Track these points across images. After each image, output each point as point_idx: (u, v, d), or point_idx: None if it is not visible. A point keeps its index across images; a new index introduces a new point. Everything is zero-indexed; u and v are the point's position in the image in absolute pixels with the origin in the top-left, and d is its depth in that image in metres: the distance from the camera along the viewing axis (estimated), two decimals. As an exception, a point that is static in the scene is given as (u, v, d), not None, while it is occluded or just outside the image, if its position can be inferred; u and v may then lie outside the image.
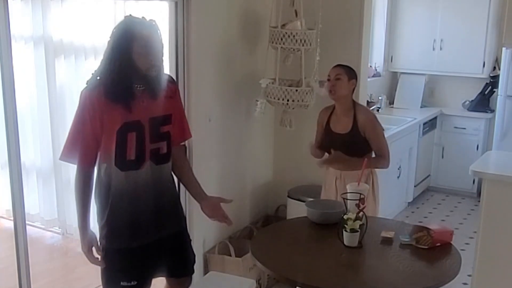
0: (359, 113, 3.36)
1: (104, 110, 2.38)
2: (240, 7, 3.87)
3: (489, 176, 3.51)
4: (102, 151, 2.44)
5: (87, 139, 2.41)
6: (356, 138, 3.34)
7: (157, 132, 2.50)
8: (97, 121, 2.38)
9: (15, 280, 2.87)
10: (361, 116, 3.35)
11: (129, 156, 2.43)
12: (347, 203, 2.80)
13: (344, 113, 3.39)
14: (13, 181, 2.73)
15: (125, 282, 2.54)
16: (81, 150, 2.42)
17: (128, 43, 2.36)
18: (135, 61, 2.37)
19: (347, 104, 3.38)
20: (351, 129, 3.34)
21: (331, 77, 3.34)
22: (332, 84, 3.33)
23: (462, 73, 6.18)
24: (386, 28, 6.33)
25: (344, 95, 3.34)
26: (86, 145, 2.42)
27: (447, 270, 2.51)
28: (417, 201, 6.08)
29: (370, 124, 3.35)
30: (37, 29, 4.55)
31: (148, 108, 2.46)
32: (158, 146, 2.51)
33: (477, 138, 6.12)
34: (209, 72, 3.64)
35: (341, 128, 3.38)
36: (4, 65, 2.59)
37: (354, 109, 3.38)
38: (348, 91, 3.36)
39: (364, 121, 3.34)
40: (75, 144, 2.43)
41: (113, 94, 2.39)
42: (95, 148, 2.43)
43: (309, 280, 2.39)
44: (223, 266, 3.73)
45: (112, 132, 2.39)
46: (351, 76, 3.36)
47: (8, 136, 2.68)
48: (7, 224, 4.70)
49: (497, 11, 5.88)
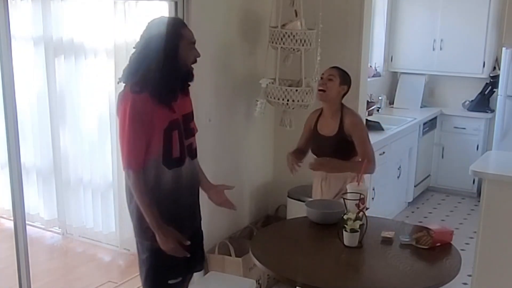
0: (345, 116, 3.32)
1: (154, 111, 2.42)
2: (240, 7, 3.87)
3: (489, 176, 3.51)
4: (151, 152, 2.46)
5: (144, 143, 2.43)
6: (341, 141, 3.30)
7: (189, 128, 2.61)
8: (150, 123, 2.41)
9: (15, 280, 2.87)
10: (347, 119, 3.31)
11: (174, 153, 2.51)
12: (347, 203, 2.80)
13: (331, 115, 3.35)
14: (13, 181, 2.73)
15: (172, 279, 2.61)
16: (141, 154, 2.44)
17: (176, 42, 2.44)
18: (181, 59, 2.45)
19: (334, 107, 3.34)
20: (337, 132, 3.31)
21: (324, 76, 3.32)
22: (323, 83, 3.30)
23: (462, 73, 6.18)
24: (386, 28, 6.33)
25: (332, 97, 3.30)
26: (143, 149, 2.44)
27: (447, 270, 2.50)
28: (417, 201, 6.08)
29: (356, 127, 3.31)
30: (37, 29, 4.55)
31: (182, 105, 2.56)
32: (191, 142, 2.63)
33: (477, 138, 6.13)
34: (209, 72, 3.64)
35: (328, 131, 3.35)
36: (4, 65, 2.59)
37: (341, 112, 3.34)
38: (337, 94, 3.32)
39: (349, 124, 3.30)
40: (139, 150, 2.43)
41: (162, 94, 2.44)
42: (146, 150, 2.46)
43: (309, 280, 2.39)
44: (223, 266, 3.73)
45: (160, 132, 2.44)
46: (344, 81, 3.33)
47: (8, 136, 2.68)
48: (7, 224, 4.70)
49: (497, 11, 5.88)
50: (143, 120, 2.39)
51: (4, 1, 2.53)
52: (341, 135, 3.30)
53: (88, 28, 4.38)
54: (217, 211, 3.53)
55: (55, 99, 4.64)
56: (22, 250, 2.81)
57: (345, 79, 3.34)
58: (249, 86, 4.03)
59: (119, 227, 4.54)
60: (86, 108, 4.55)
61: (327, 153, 3.35)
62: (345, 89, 3.34)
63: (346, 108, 3.39)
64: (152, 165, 2.46)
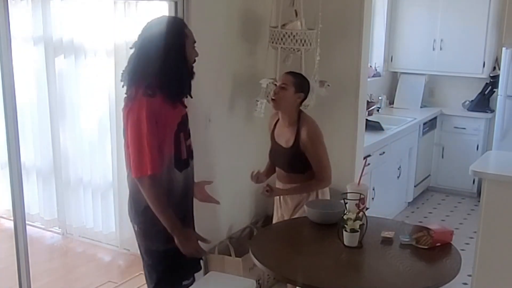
0: (302, 129, 3.14)
1: (167, 113, 2.41)
2: (240, 7, 3.87)
3: (489, 176, 3.51)
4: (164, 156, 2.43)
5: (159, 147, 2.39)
6: (297, 154, 3.15)
7: (187, 129, 2.61)
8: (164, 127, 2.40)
9: (15, 280, 2.87)
10: (303, 133, 3.13)
11: (183, 155, 2.52)
12: (347, 203, 2.80)
13: (287, 125, 3.19)
14: (13, 181, 2.73)
15: (186, 280, 2.64)
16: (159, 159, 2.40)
17: (182, 41, 2.44)
18: (187, 59, 2.46)
19: (291, 117, 3.17)
20: (292, 145, 3.15)
21: (277, 83, 3.19)
22: (275, 92, 3.15)
23: (462, 73, 6.18)
24: (386, 28, 6.33)
25: (286, 106, 3.14)
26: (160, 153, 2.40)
27: (447, 270, 2.50)
28: (417, 201, 6.08)
29: (311, 142, 3.13)
30: (37, 29, 4.55)
31: (182, 107, 2.57)
32: (190, 143, 2.64)
33: (477, 138, 6.13)
34: (209, 72, 3.63)
35: (284, 141, 3.21)
36: (4, 65, 2.59)
37: (298, 123, 3.16)
38: (292, 103, 3.14)
39: (305, 139, 3.13)
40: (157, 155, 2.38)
41: (174, 96, 2.45)
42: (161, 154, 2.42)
43: (309, 280, 2.39)
44: (223, 266, 3.73)
45: (172, 134, 2.44)
46: (300, 88, 3.15)
47: (8, 136, 2.68)
48: (7, 224, 4.70)
49: (497, 11, 5.88)
50: (158, 124, 2.36)
51: (4, 1, 2.53)
52: (296, 149, 3.15)
53: (88, 28, 4.38)
54: (217, 211, 3.54)
55: (55, 99, 4.64)
56: (22, 250, 2.81)
57: (301, 86, 3.16)
58: (249, 86, 4.03)
59: (119, 227, 4.54)
60: (86, 108, 4.55)
61: (281, 163, 3.26)
62: (301, 96, 3.17)
63: (304, 117, 3.20)
64: (166, 169, 2.45)
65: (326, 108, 3.98)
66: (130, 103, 2.42)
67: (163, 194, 2.44)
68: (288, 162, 3.23)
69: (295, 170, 3.23)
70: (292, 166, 3.23)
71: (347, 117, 4.03)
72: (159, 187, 2.41)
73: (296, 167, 3.22)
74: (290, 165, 3.23)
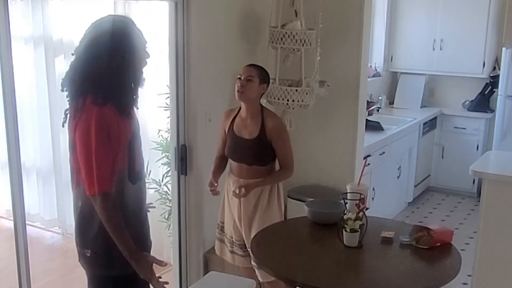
0: (267, 119, 3.21)
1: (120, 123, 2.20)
2: (240, 7, 3.87)
3: (489, 176, 3.51)
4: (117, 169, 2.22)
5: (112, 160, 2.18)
6: (262, 145, 3.19)
7: (139, 140, 2.40)
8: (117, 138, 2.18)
9: (15, 280, 2.87)
10: (270, 123, 3.19)
11: (137, 167, 2.33)
12: (347, 203, 2.80)
13: (251, 117, 3.22)
14: (13, 181, 2.73)
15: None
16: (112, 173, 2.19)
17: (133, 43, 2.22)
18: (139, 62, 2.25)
19: (254, 108, 3.22)
20: (258, 135, 3.18)
21: (242, 77, 3.18)
22: (242, 85, 3.17)
23: (462, 73, 6.18)
24: (386, 28, 6.33)
25: (252, 97, 3.19)
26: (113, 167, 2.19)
27: (447, 270, 2.51)
28: (417, 201, 6.08)
29: (279, 133, 3.20)
30: (37, 29, 4.56)
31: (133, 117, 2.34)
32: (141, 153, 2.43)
33: (477, 138, 6.13)
34: (209, 72, 3.63)
35: (247, 134, 3.22)
36: (4, 65, 2.58)
37: (262, 114, 3.23)
38: (257, 94, 3.22)
39: (272, 128, 3.19)
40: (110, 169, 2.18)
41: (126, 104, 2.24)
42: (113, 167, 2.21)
43: (309, 280, 2.39)
44: (223, 266, 3.72)
45: (126, 145, 2.24)
46: (263, 79, 3.22)
47: (8, 136, 2.68)
48: (7, 224, 4.70)
49: (497, 11, 5.88)
50: (110, 135, 2.14)
51: (4, 1, 2.53)
52: (262, 139, 3.18)
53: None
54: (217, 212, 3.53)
55: (55, 99, 4.64)
56: (22, 250, 2.80)
57: (263, 77, 3.23)
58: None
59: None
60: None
61: (244, 156, 3.23)
62: (264, 88, 3.25)
63: (267, 110, 3.29)
64: (119, 182, 2.22)
65: (326, 108, 3.98)
66: (78, 114, 2.19)
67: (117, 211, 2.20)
68: (253, 154, 3.21)
69: (260, 161, 3.22)
70: (257, 157, 3.22)
71: (347, 117, 4.03)
72: (113, 203, 2.18)
73: (261, 158, 3.22)
74: (255, 156, 3.21)
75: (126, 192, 2.29)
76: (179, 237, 3.60)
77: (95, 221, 2.25)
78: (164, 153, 4.21)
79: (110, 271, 2.35)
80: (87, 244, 2.34)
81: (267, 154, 3.22)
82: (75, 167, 2.28)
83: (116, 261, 2.30)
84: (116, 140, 2.18)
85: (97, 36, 2.19)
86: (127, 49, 2.19)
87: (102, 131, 2.13)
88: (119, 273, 2.34)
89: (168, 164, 4.07)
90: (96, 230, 2.28)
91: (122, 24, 2.24)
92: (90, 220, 2.28)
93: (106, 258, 2.32)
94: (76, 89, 2.23)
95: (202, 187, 3.51)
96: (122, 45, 2.18)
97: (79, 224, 2.36)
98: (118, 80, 2.19)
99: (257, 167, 3.23)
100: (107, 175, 2.16)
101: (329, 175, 4.07)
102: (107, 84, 2.17)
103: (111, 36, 2.18)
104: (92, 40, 2.19)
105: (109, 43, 2.17)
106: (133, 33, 2.23)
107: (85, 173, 2.18)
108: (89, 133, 2.13)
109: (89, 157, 2.14)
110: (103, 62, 2.17)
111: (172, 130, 3.58)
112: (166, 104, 3.95)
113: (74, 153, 2.25)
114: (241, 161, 3.27)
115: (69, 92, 2.28)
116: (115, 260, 2.30)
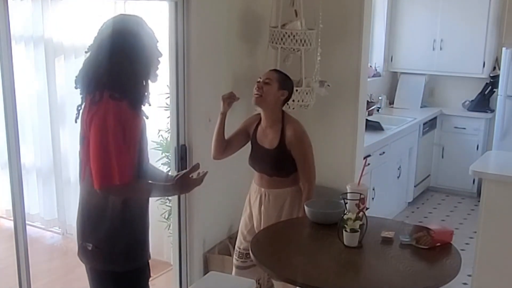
0: (287, 127, 3.08)
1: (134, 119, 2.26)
2: (240, 7, 3.87)
3: (489, 176, 3.52)
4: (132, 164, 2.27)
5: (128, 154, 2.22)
6: (282, 155, 3.07)
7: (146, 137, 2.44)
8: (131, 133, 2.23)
9: (15, 280, 2.87)
10: (289, 131, 3.07)
11: (144, 164, 2.38)
12: (347, 203, 2.80)
13: (271, 125, 3.12)
14: (13, 181, 2.73)
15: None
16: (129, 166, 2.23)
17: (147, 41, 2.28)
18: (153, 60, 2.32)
19: (274, 116, 3.11)
20: (277, 145, 3.08)
21: (261, 79, 3.11)
22: (259, 87, 3.08)
23: (462, 73, 6.18)
24: (386, 28, 6.34)
25: (269, 102, 3.08)
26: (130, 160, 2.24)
27: (447, 270, 2.50)
28: (417, 201, 6.08)
29: (298, 141, 3.08)
30: (37, 29, 4.56)
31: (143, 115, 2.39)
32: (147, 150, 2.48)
33: (477, 138, 6.13)
34: (209, 72, 3.63)
35: (267, 143, 3.12)
36: (4, 65, 2.58)
37: (282, 122, 3.10)
38: (276, 100, 3.09)
39: (290, 136, 3.06)
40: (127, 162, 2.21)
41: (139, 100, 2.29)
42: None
43: (309, 280, 2.39)
44: (223, 266, 3.72)
45: (137, 141, 2.28)
46: (284, 85, 3.11)
47: (8, 136, 2.68)
48: (7, 224, 4.70)
49: (497, 11, 5.88)
50: (125, 130, 2.19)
51: (4, 1, 2.53)
52: (282, 149, 3.07)
53: (88, 28, 4.38)
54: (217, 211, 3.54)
55: (55, 99, 4.64)
56: (22, 250, 2.81)
57: (285, 83, 3.12)
58: (249, 86, 4.02)
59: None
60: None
61: (264, 167, 3.16)
62: (285, 94, 3.12)
63: (288, 117, 3.16)
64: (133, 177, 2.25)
65: (326, 108, 3.98)
66: (94, 107, 2.21)
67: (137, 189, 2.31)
68: (273, 164, 3.12)
69: (280, 172, 3.13)
70: (277, 168, 3.13)
71: (347, 117, 4.03)
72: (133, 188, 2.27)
73: (281, 169, 3.13)
74: (274, 167, 3.13)
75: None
76: (179, 237, 3.61)
77: (101, 214, 2.28)
78: (164, 153, 4.21)
79: (111, 266, 2.36)
80: (89, 238, 2.34)
81: (287, 165, 3.11)
82: (84, 159, 2.29)
83: (117, 257, 2.32)
84: (129, 135, 2.21)
85: (109, 35, 2.23)
86: (140, 47, 2.25)
87: (120, 125, 2.17)
88: (120, 269, 2.35)
89: (168, 164, 4.07)
90: (100, 223, 2.30)
91: (135, 23, 2.29)
92: (96, 213, 2.30)
93: (108, 254, 2.33)
94: (91, 84, 2.26)
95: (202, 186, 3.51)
96: (136, 43, 2.24)
97: (83, 216, 2.36)
98: (132, 77, 2.25)
99: (278, 178, 3.14)
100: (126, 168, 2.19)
101: (329, 175, 4.07)
102: (123, 81, 2.23)
103: (125, 34, 2.23)
104: (104, 39, 2.24)
105: (123, 41, 2.22)
106: (145, 32, 2.29)
107: (99, 165, 2.18)
108: (107, 126, 2.16)
109: (107, 148, 2.16)
110: (118, 59, 2.21)
111: (172, 130, 3.58)
112: (166, 104, 3.95)
113: (84, 146, 2.27)
114: (261, 171, 3.20)
115: (84, 87, 2.30)
116: (116, 256, 2.32)
